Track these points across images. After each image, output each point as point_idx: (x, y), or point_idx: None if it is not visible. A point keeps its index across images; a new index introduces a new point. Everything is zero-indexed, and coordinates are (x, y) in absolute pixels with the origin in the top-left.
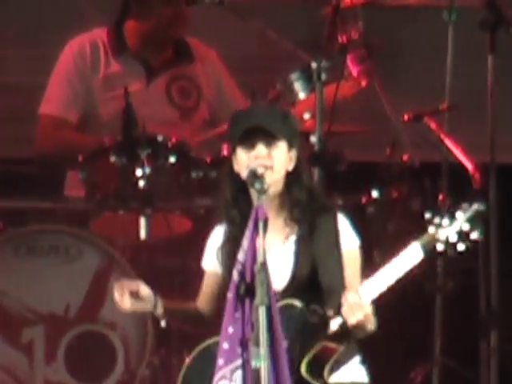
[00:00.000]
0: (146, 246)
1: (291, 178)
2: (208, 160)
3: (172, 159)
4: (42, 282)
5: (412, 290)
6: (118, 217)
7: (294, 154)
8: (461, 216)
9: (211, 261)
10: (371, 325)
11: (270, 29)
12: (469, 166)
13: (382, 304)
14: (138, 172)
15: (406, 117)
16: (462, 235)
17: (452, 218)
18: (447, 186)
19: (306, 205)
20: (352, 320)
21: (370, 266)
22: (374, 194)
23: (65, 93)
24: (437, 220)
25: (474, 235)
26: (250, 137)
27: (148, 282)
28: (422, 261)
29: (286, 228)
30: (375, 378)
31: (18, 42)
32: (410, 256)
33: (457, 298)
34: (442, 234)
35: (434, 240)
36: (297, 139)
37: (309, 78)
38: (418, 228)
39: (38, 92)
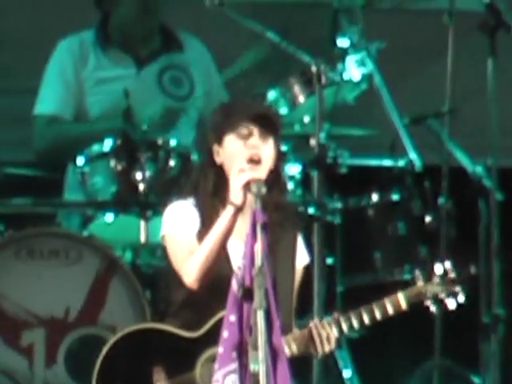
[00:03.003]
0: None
1: (272, 178)
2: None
3: (172, 162)
4: (42, 285)
5: None
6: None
7: (276, 151)
8: (453, 277)
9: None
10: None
11: (269, 31)
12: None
13: None
14: (138, 175)
15: (406, 120)
16: (452, 294)
17: (443, 276)
18: (448, 189)
19: (284, 209)
20: (319, 352)
21: (370, 269)
22: (375, 197)
23: (59, 91)
24: (425, 275)
25: (461, 297)
26: (248, 126)
27: (148, 285)
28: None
29: None
30: (375, 380)
31: (20, 45)
32: (391, 304)
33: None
34: (430, 291)
35: (421, 295)
36: (279, 140)
37: (308, 81)
38: (418, 231)
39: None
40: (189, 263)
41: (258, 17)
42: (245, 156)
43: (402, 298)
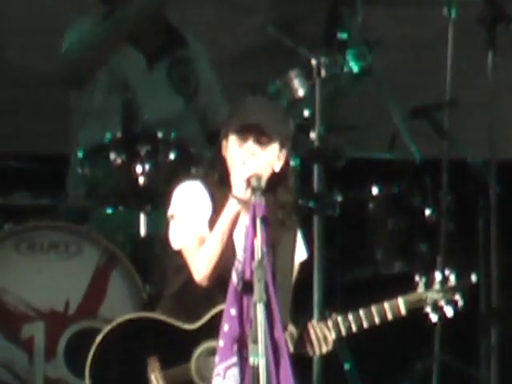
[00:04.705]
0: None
1: (277, 178)
2: (208, 156)
3: (172, 156)
4: (42, 278)
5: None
6: (117, 213)
7: (283, 154)
8: (454, 284)
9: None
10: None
11: (269, 24)
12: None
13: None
14: (138, 169)
15: (406, 112)
16: (452, 302)
17: (444, 283)
18: (447, 182)
19: (291, 207)
20: (316, 352)
21: (370, 262)
22: (374, 190)
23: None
24: (426, 281)
25: (460, 304)
26: (245, 131)
27: (148, 278)
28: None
29: None
30: (375, 375)
31: (19, 37)
32: (391, 309)
33: None
34: (430, 298)
35: (421, 301)
36: (289, 141)
37: (308, 75)
38: (417, 224)
39: (42, 87)
40: (197, 259)
41: (258, 10)
42: (240, 159)
43: (401, 304)
